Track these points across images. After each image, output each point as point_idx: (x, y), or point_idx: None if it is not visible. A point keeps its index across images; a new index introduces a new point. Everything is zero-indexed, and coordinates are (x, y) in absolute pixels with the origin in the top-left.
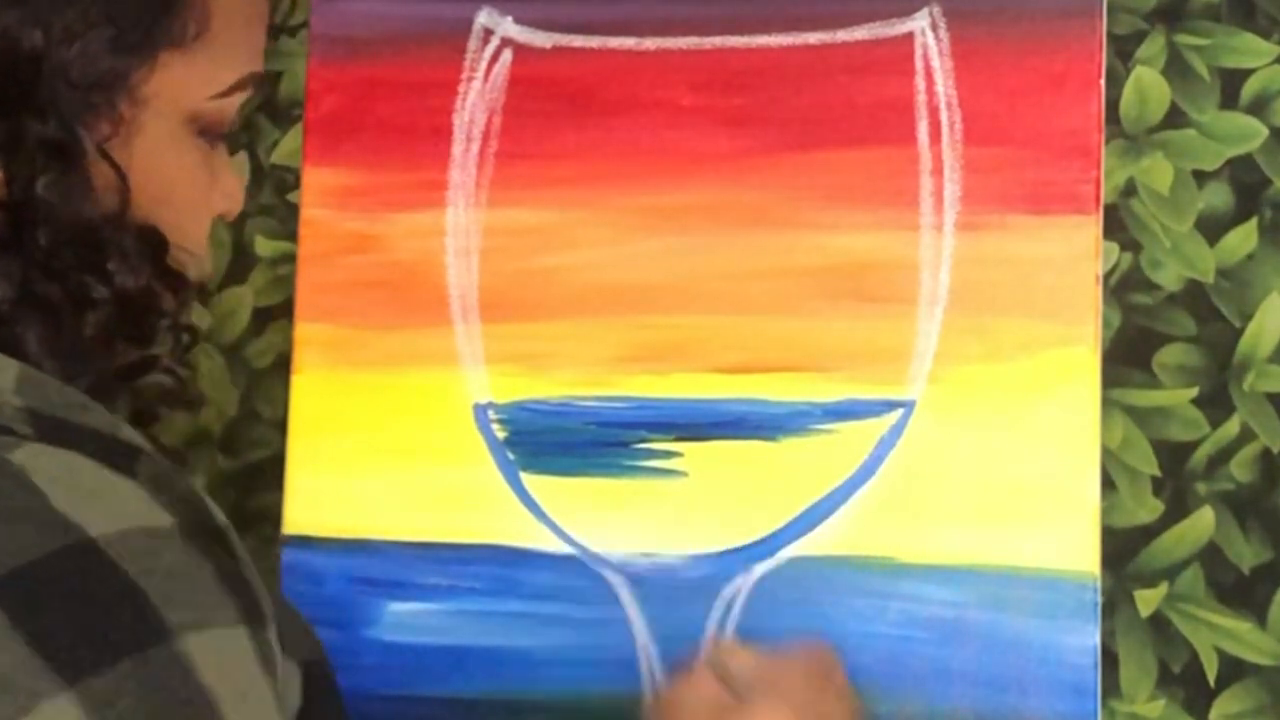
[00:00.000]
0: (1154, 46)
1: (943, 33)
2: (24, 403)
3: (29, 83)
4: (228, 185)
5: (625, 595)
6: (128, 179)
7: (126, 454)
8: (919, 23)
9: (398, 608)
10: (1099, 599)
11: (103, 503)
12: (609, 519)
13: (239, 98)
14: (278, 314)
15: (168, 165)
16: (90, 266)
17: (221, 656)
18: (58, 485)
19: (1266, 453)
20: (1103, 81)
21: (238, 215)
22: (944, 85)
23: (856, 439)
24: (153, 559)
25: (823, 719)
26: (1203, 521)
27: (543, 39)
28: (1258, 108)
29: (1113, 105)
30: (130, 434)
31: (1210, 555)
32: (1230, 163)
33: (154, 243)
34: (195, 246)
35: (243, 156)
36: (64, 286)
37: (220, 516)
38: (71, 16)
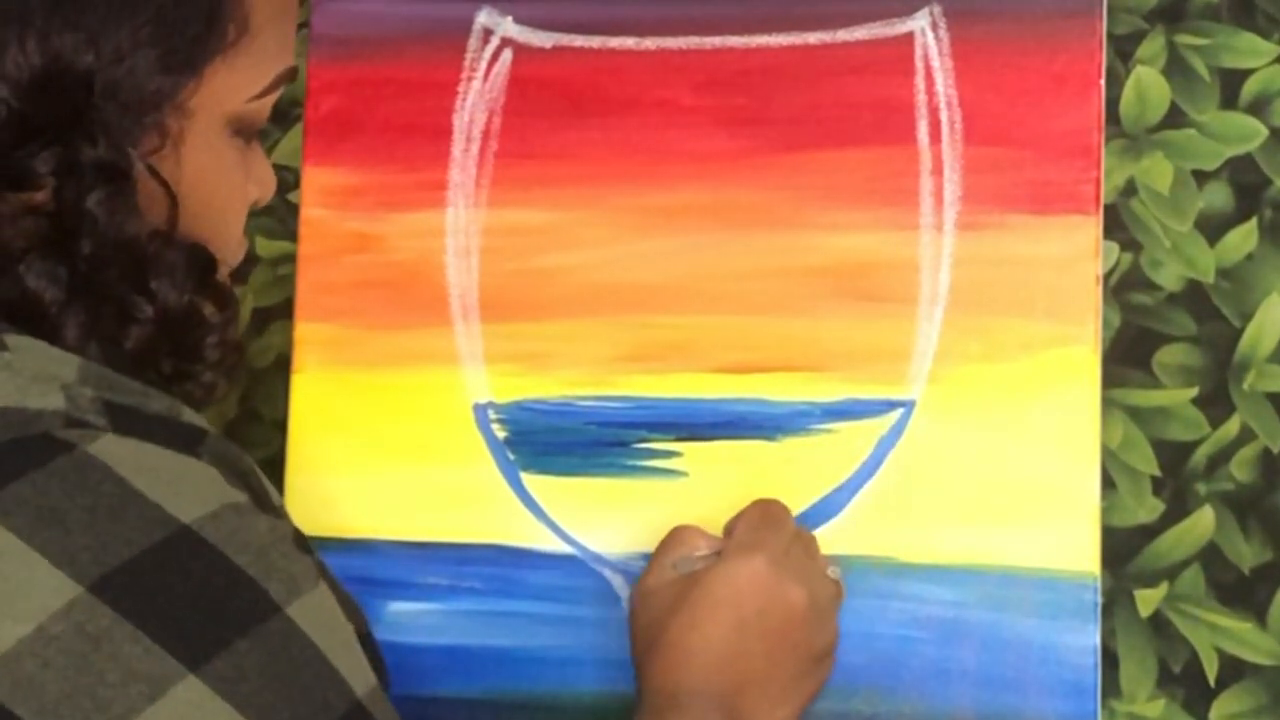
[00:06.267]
0: (1154, 46)
1: (943, 33)
2: (95, 393)
3: (80, 105)
4: (260, 173)
5: (625, 595)
6: (176, 197)
7: (191, 437)
8: (919, 23)
9: (398, 608)
10: (1099, 599)
11: (186, 488)
12: (609, 519)
13: (275, 95)
14: (278, 314)
15: (209, 170)
16: (135, 283)
17: (318, 615)
18: (143, 476)
19: (1266, 453)
20: (1103, 81)
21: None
22: (944, 85)
23: (856, 439)
24: (243, 537)
25: (799, 566)
26: (1203, 521)
27: (543, 39)
28: (1258, 108)
29: (1113, 105)
30: (191, 415)
31: (1210, 555)
32: (1230, 163)
33: (201, 260)
34: (234, 240)
35: None
36: (108, 301)
37: (269, 484)
38: (122, 37)
